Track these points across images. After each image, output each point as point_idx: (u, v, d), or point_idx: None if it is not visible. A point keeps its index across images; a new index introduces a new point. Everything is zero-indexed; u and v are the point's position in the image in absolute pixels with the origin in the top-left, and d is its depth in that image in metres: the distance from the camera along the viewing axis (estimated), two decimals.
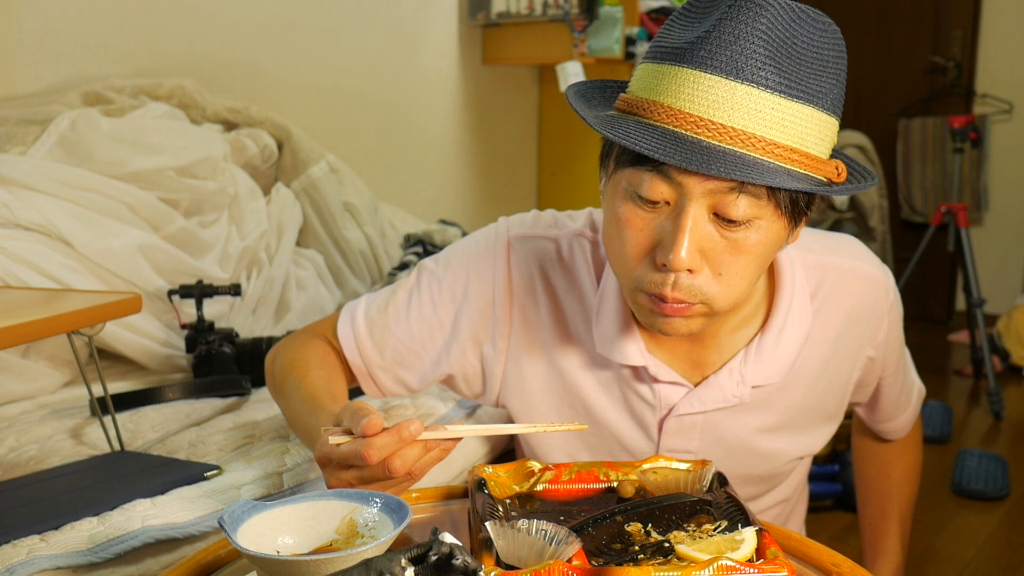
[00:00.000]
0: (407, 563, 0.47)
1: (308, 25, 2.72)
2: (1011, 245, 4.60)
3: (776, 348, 1.01)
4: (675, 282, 0.85)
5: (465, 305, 1.07)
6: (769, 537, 0.76)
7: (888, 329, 1.10)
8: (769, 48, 0.81)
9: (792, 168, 0.83)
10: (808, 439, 1.11)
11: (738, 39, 0.81)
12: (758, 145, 0.81)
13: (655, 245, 0.86)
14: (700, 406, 1.03)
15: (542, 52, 3.22)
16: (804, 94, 0.82)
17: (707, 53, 0.81)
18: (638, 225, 0.87)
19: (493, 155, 3.46)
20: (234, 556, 0.85)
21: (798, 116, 0.82)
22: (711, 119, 0.81)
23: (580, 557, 0.73)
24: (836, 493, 2.65)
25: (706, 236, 0.85)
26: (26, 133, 1.76)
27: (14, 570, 0.91)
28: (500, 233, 1.08)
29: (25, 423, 1.41)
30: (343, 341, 1.10)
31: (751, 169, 0.80)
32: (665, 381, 1.02)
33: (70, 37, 2.13)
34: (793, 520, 1.25)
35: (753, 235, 0.85)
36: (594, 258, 1.06)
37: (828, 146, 0.87)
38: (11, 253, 1.56)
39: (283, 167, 2.24)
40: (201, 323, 1.67)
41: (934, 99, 4.65)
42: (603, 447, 1.09)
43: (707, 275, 0.86)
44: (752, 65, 0.80)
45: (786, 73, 0.81)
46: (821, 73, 0.83)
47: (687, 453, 1.06)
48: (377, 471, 0.78)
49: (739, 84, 0.81)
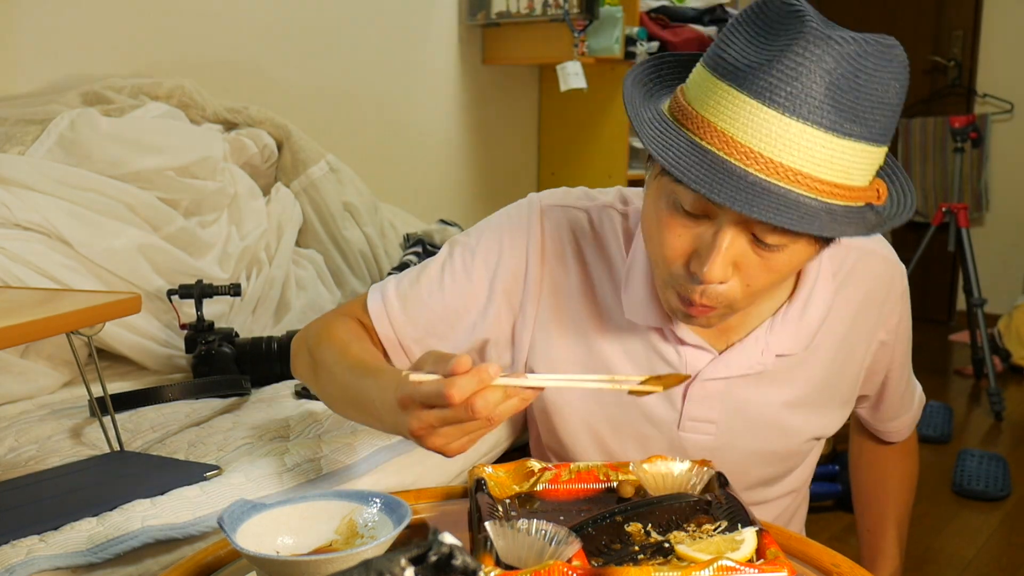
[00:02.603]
0: (407, 563, 0.46)
1: (308, 25, 2.72)
2: (1011, 245, 4.60)
3: (801, 319, 1.05)
4: (704, 291, 0.89)
5: (500, 270, 1.08)
6: (769, 537, 0.76)
7: (900, 316, 1.13)
8: (831, 88, 0.80)
9: (833, 203, 0.84)
10: (823, 419, 1.12)
11: (800, 76, 0.80)
12: (803, 181, 0.82)
13: (691, 252, 0.89)
14: (725, 371, 1.05)
15: (542, 52, 3.21)
16: (858, 131, 0.82)
17: (767, 85, 0.81)
18: (677, 231, 0.89)
19: (493, 155, 3.46)
20: (234, 556, 0.85)
21: (848, 152, 0.83)
22: (760, 152, 0.82)
23: (580, 557, 0.72)
24: (836, 493, 2.65)
25: (740, 252, 0.87)
26: (25, 133, 1.76)
27: (13, 570, 0.90)
28: (533, 203, 1.10)
29: (25, 423, 1.41)
30: (374, 315, 1.09)
31: (792, 211, 0.81)
32: (691, 344, 1.05)
33: (70, 37, 2.13)
34: (794, 523, 1.25)
35: (785, 256, 0.88)
36: (623, 229, 1.09)
37: (872, 172, 0.88)
38: (11, 253, 1.56)
39: (283, 167, 2.24)
40: (201, 323, 1.67)
41: (935, 99, 4.65)
42: (626, 418, 1.10)
43: (735, 284, 0.89)
44: (811, 104, 0.80)
45: (844, 112, 0.81)
46: (879, 108, 0.83)
47: (708, 423, 1.08)
48: (460, 412, 0.77)
49: (794, 121, 0.80)
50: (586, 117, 3.47)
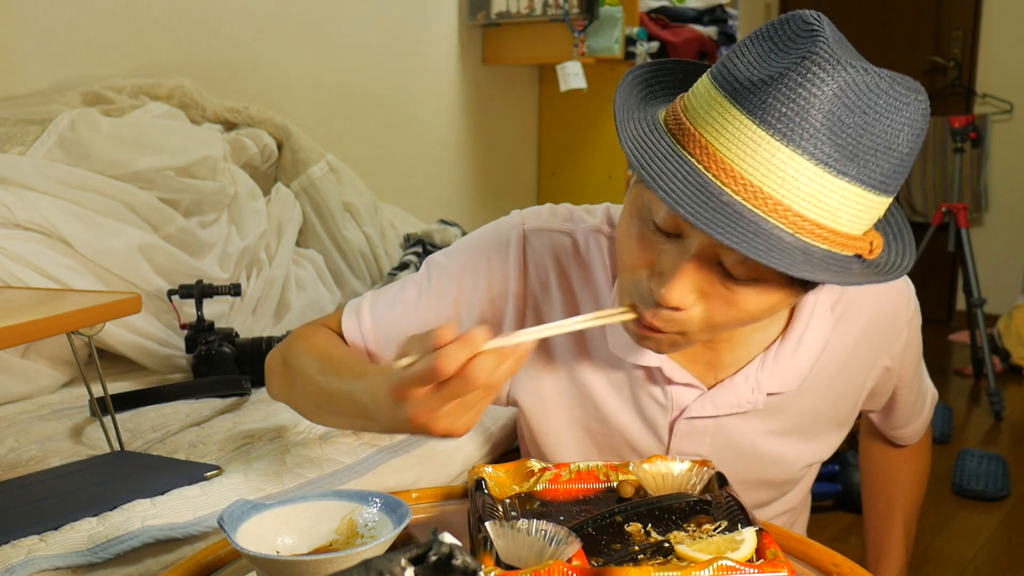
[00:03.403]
0: (407, 563, 0.47)
1: (308, 25, 2.72)
2: (1011, 245, 4.60)
3: (794, 356, 0.99)
4: (656, 313, 0.83)
5: (476, 296, 1.04)
6: (769, 537, 0.76)
7: (907, 341, 1.07)
8: (830, 117, 0.73)
9: (813, 244, 0.77)
10: (817, 446, 1.09)
11: (798, 98, 0.73)
12: (782, 214, 0.75)
13: (654, 265, 0.83)
14: (713, 410, 1.00)
15: (542, 52, 3.22)
16: (855, 173, 0.75)
17: (761, 102, 0.74)
18: (645, 242, 0.84)
19: (493, 155, 3.46)
20: (234, 556, 0.85)
21: (838, 193, 0.75)
22: (742, 172, 0.75)
23: (580, 557, 0.72)
24: (836, 493, 2.65)
25: (706, 280, 0.81)
26: (26, 133, 1.76)
27: (13, 570, 0.91)
28: (515, 226, 1.04)
29: (25, 423, 1.41)
30: (349, 338, 1.06)
31: (761, 242, 0.74)
32: (679, 383, 1.00)
33: (70, 37, 2.13)
34: (796, 528, 1.24)
35: (753, 295, 0.81)
36: (610, 255, 1.02)
37: (868, 222, 0.80)
38: (11, 253, 1.56)
39: (283, 167, 2.24)
40: (201, 323, 1.67)
41: (934, 99, 4.65)
42: (612, 447, 1.07)
43: (695, 313, 0.83)
44: (805, 131, 0.73)
45: (841, 148, 0.74)
46: (884, 153, 0.75)
47: (697, 457, 1.03)
48: (456, 385, 0.73)
49: (784, 147, 0.73)
50: (586, 117, 3.47)
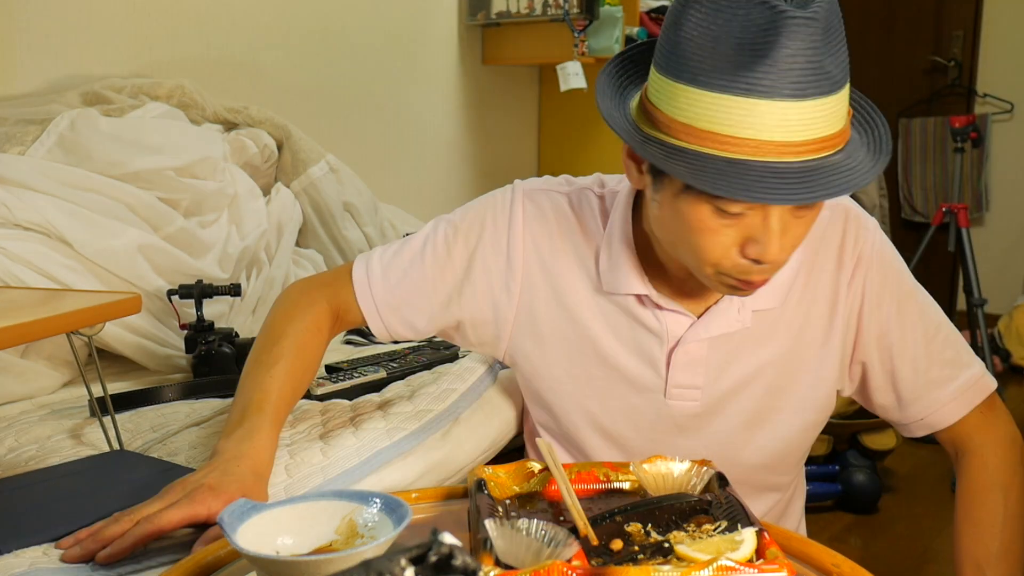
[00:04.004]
0: (407, 563, 0.46)
1: (308, 25, 2.72)
2: (1011, 245, 4.60)
3: None
4: (763, 269, 0.95)
5: (479, 248, 1.14)
6: (769, 537, 0.76)
7: (867, 278, 1.11)
8: (816, 56, 0.85)
9: (846, 148, 0.92)
10: (809, 377, 1.12)
11: (796, 64, 0.85)
12: (831, 142, 0.89)
13: (743, 242, 0.93)
14: (705, 333, 1.09)
15: (542, 52, 3.21)
16: (844, 78, 0.89)
17: (771, 84, 0.85)
18: (724, 231, 0.93)
19: (493, 155, 3.46)
20: (234, 556, 0.85)
21: (842, 100, 0.89)
22: (790, 140, 0.87)
23: (580, 557, 0.72)
24: (836, 493, 2.65)
25: (788, 227, 0.93)
26: (25, 133, 1.76)
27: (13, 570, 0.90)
28: (515, 187, 1.17)
29: (25, 423, 1.41)
30: (357, 283, 1.16)
31: (835, 177, 0.88)
32: (668, 308, 1.09)
33: (70, 37, 2.13)
34: (790, 513, 1.25)
35: (813, 213, 0.95)
36: (601, 210, 1.14)
37: None
38: (11, 253, 1.56)
39: (283, 167, 2.24)
40: (201, 323, 1.67)
41: (935, 99, 4.65)
42: (614, 391, 1.13)
43: (786, 253, 0.96)
44: (812, 80, 0.86)
45: (834, 71, 0.87)
46: (844, 47, 0.89)
47: (694, 389, 1.11)
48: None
49: (806, 102, 0.86)
50: (586, 117, 3.47)
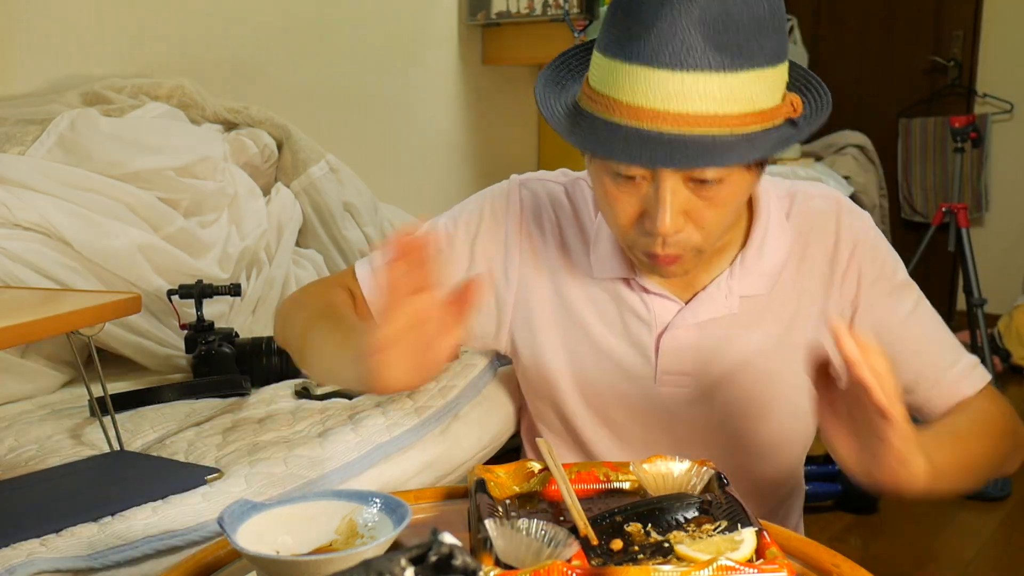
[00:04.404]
0: (407, 563, 0.46)
1: (308, 25, 2.72)
2: (1011, 245, 4.59)
3: (759, 260, 1.09)
4: (663, 242, 0.96)
5: (479, 238, 1.17)
6: (769, 537, 0.76)
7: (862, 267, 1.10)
8: (706, 32, 0.86)
9: (749, 131, 0.90)
10: (803, 365, 1.07)
11: (676, 33, 0.86)
12: (714, 122, 0.88)
13: (642, 213, 0.96)
14: (693, 319, 1.10)
15: (542, 52, 3.21)
16: (747, 61, 0.88)
17: (651, 50, 0.87)
18: (623, 199, 0.96)
19: (493, 155, 3.46)
20: (234, 556, 0.85)
21: (745, 83, 0.88)
22: (666, 110, 0.88)
23: (580, 557, 0.73)
24: (836, 493, 2.65)
25: (685, 200, 0.94)
26: (25, 133, 1.76)
27: (14, 571, 0.91)
28: (512, 179, 1.21)
29: (25, 423, 1.41)
30: (362, 279, 1.17)
31: (711, 152, 0.88)
32: (655, 293, 1.11)
33: (70, 37, 2.13)
34: (790, 515, 1.25)
35: (725, 189, 0.94)
36: (594, 200, 1.16)
37: (780, 91, 0.94)
38: (10, 253, 1.56)
39: (283, 167, 2.24)
40: (201, 323, 1.67)
41: (935, 99, 4.65)
42: (605, 378, 1.15)
43: (691, 229, 0.96)
44: (694, 54, 0.86)
45: (727, 49, 0.87)
46: (760, 34, 0.88)
47: (683, 376, 1.12)
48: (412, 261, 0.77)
49: (686, 74, 0.87)
50: None
